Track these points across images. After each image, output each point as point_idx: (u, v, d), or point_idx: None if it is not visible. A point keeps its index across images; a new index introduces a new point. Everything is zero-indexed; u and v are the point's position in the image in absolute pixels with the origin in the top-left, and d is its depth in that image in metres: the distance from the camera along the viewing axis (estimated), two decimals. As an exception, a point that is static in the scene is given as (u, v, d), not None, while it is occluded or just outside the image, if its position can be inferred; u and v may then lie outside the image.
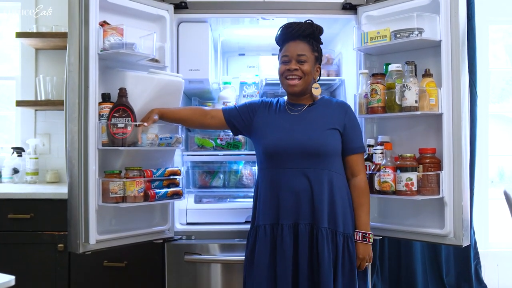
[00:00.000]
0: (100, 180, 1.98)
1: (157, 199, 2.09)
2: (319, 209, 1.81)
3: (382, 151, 2.18)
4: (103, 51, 2.00)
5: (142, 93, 2.06)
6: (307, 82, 1.90)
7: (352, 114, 1.94)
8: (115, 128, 1.96)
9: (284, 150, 1.84)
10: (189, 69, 2.49)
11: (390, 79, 2.18)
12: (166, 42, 2.32)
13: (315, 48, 1.91)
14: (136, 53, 2.06)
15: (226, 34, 2.89)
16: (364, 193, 1.90)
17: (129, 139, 1.98)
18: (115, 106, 1.98)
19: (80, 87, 1.97)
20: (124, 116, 1.98)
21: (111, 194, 1.96)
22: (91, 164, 1.97)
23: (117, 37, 2.02)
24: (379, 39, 2.21)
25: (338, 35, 2.83)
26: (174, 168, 2.21)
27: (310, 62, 1.89)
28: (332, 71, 2.82)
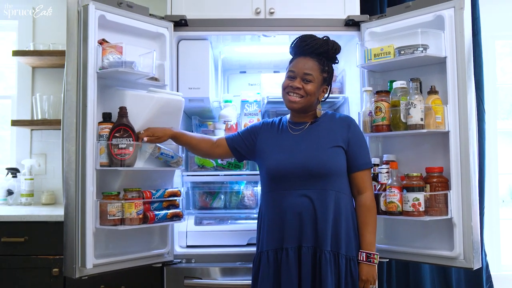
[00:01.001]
0: (98, 202, 1.97)
1: (157, 221, 2.09)
2: (322, 232, 1.80)
3: (387, 170, 2.19)
4: (102, 70, 2.02)
5: (142, 112, 2.06)
6: (308, 102, 1.91)
7: (356, 128, 1.92)
8: (116, 149, 1.97)
9: (286, 172, 1.84)
10: (189, 88, 2.50)
11: (395, 96, 2.19)
12: (165, 60, 2.34)
13: (325, 69, 1.89)
14: (136, 72, 2.08)
15: (226, 51, 2.90)
16: (370, 212, 1.87)
17: (131, 160, 1.99)
18: (116, 126, 1.99)
19: (78, 106, 1.99)
20: (125, 137, 1.98)
21: (109, 216, 1.96)
22: (89, 185, 1.97)
23: (116, 55, 2.04)
24: (383, 56, 2.23)
25: (341, 52, 2.71)
26: (174, 189, 2.21)
27: (316, 82, 1.88)
28: (336, 89, 2.82)
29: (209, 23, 2.48)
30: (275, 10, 2.56)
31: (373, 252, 1.84)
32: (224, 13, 2.54)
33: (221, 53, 2.92)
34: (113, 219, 1.96)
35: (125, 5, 2.18)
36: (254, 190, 2.72)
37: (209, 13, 2.54)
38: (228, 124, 2.74)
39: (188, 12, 2.50)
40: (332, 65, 1.95)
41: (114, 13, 2.13)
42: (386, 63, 2.24)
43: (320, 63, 1.89)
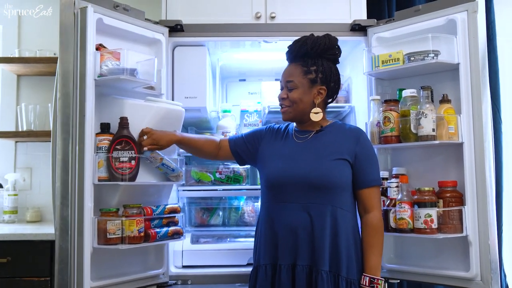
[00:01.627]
0: (96, 220, 1.96)
1: (158, 239, 2.08)
2: (319, 250, 1.78)
3: (397, 184, 2.18)
4: (100, 77, 2.02)
5: (140, 123, 2.05)
6: (298, 110, 1.89)
7: (365, 141, 1.90)
8: (117, 163, 1.96)
9: (285, 182, 1.83)
10: (185, 97, 2.50)
11: (404, 105, 2.19)
12: (162, 67, 2.35)
13: (309, 69, 1.86)
14: (138, 80, 2.08)
15: (225, 58, 2.91)
16: (376, 232, 1.83)
17: (133, 175, 1.99)
18: (117, 138, 1.99)
19: (73, 116, 1.98)
20: (127, 149, 1.98)
21: (109, 235, 1.94)
22: (87, 201, 1.95)
23: (114, 62, 2.05)
24: (391, 63, 2.23)
25: (347, 59, 2.84)
26: (174, 205, 2.21)
27: (301, 87, 1.86)
28: (341, 98, 2.82)
29: (207, 28, 2.49)
30: (276, 14, 2.57)
31: (377, 277, 1.78)
32: (222, 18, 2.54)
33: (219, 60, 2.92)
34: (113, 238, 1.94)
35: (122, 8, 2.19)
36: (254, 206, 2.71)
37: (206, 18, 2.54)
38: (226, 135, 2.71)
39: (184, 17, 2.51)
40: (326, 62, 1.89)
41: (111, 17, 2.13)
42: (395, 70, 2.24)
43: (303, 65, 1.87)
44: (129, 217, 1.99)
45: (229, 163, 2.68)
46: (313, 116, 1.89)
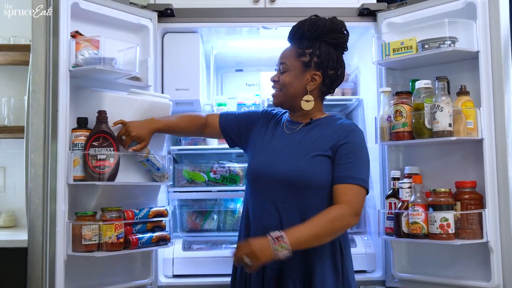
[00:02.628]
0: (71, 224, 1.95)
1: (140, 246, 2.07)
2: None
3: (410, 185, 2.17)
4: (75, 67, 2.00)
5: (122, 117, 2.04)
6: (288, 95, 1.87)
7: (355, 137, 1.81)
8: (94, 160, 1.95)
9: (261, 176, 1.83)
10: (176, 89, 2.49)
11: (418, 98, 2.18)
12: (149, 56, 2.34)
13: (304, 52, 1.83)
14: (117, 70, 2.06)
15: (220, 46, 2.90)
16: (326, 216, 1.70)
17: (111, 174, 1.98)
18: (94, 133, 1.97)
19: (46, 110, 1.97)
20: (105, 146, 1.97)
21: (84, 241, 1.93)
22: (60, 203, 1.94)
23: (92, 51, 2.03)
24: (403, 51, 2.22)
25: (354, 47, 2.82)
26: (159, 208, 2.19)
27: (292, 70, 1.84)
28: (348, 90, 2.82)
29: (200, 13, 2.47)
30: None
31: (286, 241, 1.62)
32: (217, 1, 2.53)
33: (214, 48, 2.91)
34: (89, 244, 1.93)
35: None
36: (252, 209, 2.71)
37: (199, 1, 2.53)
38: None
39: (175, 1, 2.49)
40: (325, 46, 1.84)
41: (88, 1, 2.12)
42: (408, 59, 2.23)
43: (297, 46, 1.85)
44: (107, 221, 1.98)
45: (225, 162, 2.68)
46: (304, 104, 1.86)
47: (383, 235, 2.26)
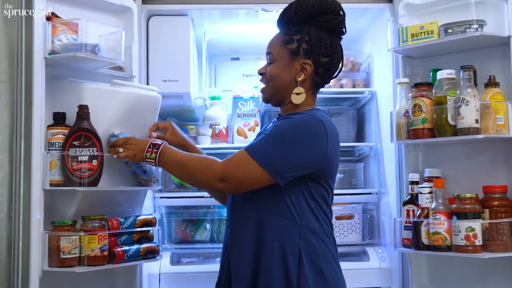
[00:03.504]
0: (47, 235, 1.90)
1: (126, 259, 2.03)
2: (237, 263, 1.72)
3: (430, 190, 2.16)
4: (52, 55, 1.96)
5: (104, 113, 2.02)
6: (275, 88, 1.81)
7: (284, 121, 1.71)
8: (74, 163, 1.92)
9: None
10: (163, 80, 2.48)
11: (440, 90, 2.16)
12: (133, 42, 2.31)
13: (291, 38, 1.78)
14: (100, 58, 2.03)
15: (213, 31, 2.89)
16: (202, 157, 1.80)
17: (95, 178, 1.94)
18: (75, 131, 1.94)
19: (17, 104, 1.93)
20: (87, 146, 1.94)
21: (63, 255, 1.89)
22: (35, 212, 1.90)
23: (70, 36, 1.99)
24: (423, 36, 2.21)
25: (367, 32, 2.83)
26: (147, 216, 2.16)
27: (280, 60, 1.79)
28: (359, 81, 2.81)
29: (190, -7, 2.49)
30: (278, -25, 2.54)
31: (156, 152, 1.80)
32: (210, -20, 2.53)
33: (206, 34, 2.89)
34: (68, 258, 1.90)
35: (79, -34, 2.15)
36: (251, 216, 2.70)
37: (190, -20, 2.54)
38: (216, 128, 2.72)
39: (162, -22, 2.51)
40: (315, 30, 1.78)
41: (63, -23, 2.09)
42: (428, 45, 2.22)
43: (283, 33, 1.80)
44: (89, 231, 1.94)
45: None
46: (294, 98, 1.78)
47: (400, 247, 2.25)
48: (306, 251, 1.66)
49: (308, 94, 1.79)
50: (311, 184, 1.68)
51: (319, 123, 1.67)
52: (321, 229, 1.68)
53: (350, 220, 2.67)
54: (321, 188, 1.70)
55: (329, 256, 1.69)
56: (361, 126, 2.94)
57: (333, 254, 1.72)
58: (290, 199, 1.68)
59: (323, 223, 1.70)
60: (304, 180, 1.67)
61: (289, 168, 1.62)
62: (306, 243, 1.66)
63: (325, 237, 1.69)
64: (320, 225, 1.69)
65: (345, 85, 2.80)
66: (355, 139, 2.87)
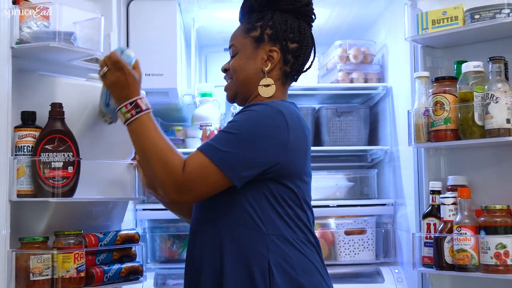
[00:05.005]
0: (14, 254, 1.88)
1: (106, 281, 2.02)
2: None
3: (454, 200, 2.15)
4: (20, 44, 1.94)
5: (81, 112, 2.01)
6: (239, 82, 1.81)
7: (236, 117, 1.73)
8: (47, 170, 1.90)
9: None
10: (145, 74, 2.37)
11: (465, 85, 2.16)
12: (112, 30, 2.31)
13: (253, 26, 1.80)
14: (77, 49, 2.01)
15: (204, 17, 2.89)
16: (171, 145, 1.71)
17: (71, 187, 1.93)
18: (47, 133, 1.92)
19: None
20: (62, 150, 1.92)
21: (33, 276, 1.87)
22: (0, 226, 1.88)
23: (40, 22, 1.98)
24: (446, 23, 2.22)
25: (381, 18, 2.84)
26: (129, 232, 2.16)
27: (243, 51, 1.81)
28: (372, 75, 2.81)
29: (177, -27, 2.51)
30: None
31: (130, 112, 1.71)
32: (200, -44, 2.56)
33: (196, 21, 2.89)
34: (39, 280, 1.88)
35: None
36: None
37: (176, -42, 2.55)
38: (207, 130, 2.71)
39: (144, -45, 2.52)
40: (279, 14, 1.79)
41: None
42: (452, 34, 2.22)
43: (247, 21, 1.82)
44: (64, 249, 1.92)
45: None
46: (262, 91, 1.78)
47: (420, 266, 2.25)
48: (277, 264, 1.62)
49: (277, 85, 1.78)
50: (274, 186, 1.66)
51: (278, 114, 1.65)
52: (294, 237, 1.65)
53: (362, 235, 2.66)
54: (286, 189, 1.67)
55: (309, 267, 1.66)
56: (374, 127, 2.94)
57: (315, 264, 1.68)
58: (251, 205, 1.65)
59: (297, 230, 1.67)
60: (265, 182, 1.65)
61: (246, 165, 1.60)
62: (277, 255, 1.63)
63: (301, 246, 1.66)
64: (293, 233, 1.65)
65: (355, 79, 2.80)
66: (367, 142, 2.87)
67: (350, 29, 3.02)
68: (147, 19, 2.51)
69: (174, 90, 2.53)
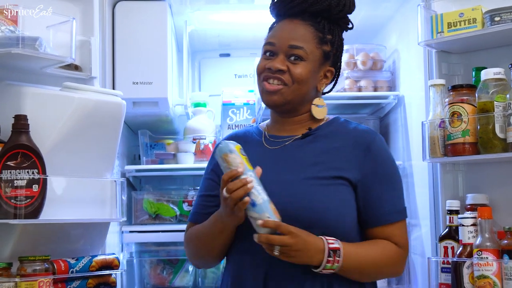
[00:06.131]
0: None
1: None
2: None
3: (474, 221, 2.14)
4: None
5: (53, 124, 2.03)
6: (297, 93, 1.82)
7: (380, 150, 1.83)
8: (9, 188, 1.90)
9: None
10: (133, 82, 2.49)
11: (485, 94, 2.16)
12: (93, 35, 2.32)
13: (325, 37, 1.83)
14: (43, 55, 2.01)
15: (197, 20, 2.90)
16: (380, 246, 1.75)
17: (36, 207, 1.93)
18: (10, 148, 1.93)
19: None
20: (25, 167, 1.93)
21: None
22: None
23: (6, 26, 1.98)
24: (463, 26, 2.22)
25: (392, 21, 2.85)
26: (107, 257, 2.16)
27: (311, 61, 1.81)
28: (382, 82, 2.81)
29: (168, -28, 2.52)
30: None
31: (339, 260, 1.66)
32: (193, -45, 2.56)
33: (189, 24, 2.90)
34: None
35: None
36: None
37: (166, -46, 2.56)
38: (200, 143, 2.72)
39: (132, -47, 2.53)
40: (339, 32, 1.88)
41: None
42: (470, 37, 2.22)
43: (317, 27, 1.82)
44: (28, 276, 1.92)
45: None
46: (316, 111, 1.85)
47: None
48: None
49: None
50: None
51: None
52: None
53: (372, 260, 2.67)
54: None
55: None
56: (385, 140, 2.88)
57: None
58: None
59: None
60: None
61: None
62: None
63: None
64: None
65: (364, 88, 2.80)
66: (378, 157, 2.88)
67: (357, 32, 2.96)
68: (135, 22, 2.52)
69: (164, 100, 2.54)
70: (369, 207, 1.75)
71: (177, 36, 2.91)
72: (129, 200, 2.58)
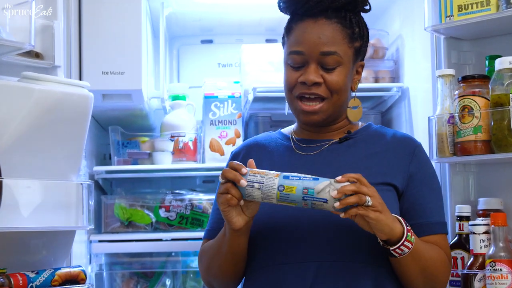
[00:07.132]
0: None
1: None
2: None
3: (487, 228, 2.14)
4: None
5: (11, 120, 2.01)
6: (337, 104, 1.85)
7: (424, 158, 1.89)
8: None
9: (284, 228, 1.78)
10: (103, 72, 2.50)
11: (500, 86, 2.15)
12: (56, 18, 2.30)
13: (354, 33, 1.85)
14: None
15: (176, 1, 2.89)
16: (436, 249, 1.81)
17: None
18: None
19: None
20: None
21: None
22: None
23: None
24: (475, 9, 2.22)
25: (395, 4, 2.86)
26: (72, 269, 2.16)
27: (346, 63, 1.84)
28: (384, 73, 2.82)
29: None
30: None
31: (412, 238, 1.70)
32: None
33: (166, 6, 2.89)
34: None
35: None
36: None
37: None
38: (179, 141, 2.73)
39: None
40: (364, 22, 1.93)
41: None
42: (482, 22, 2.22)
43: (344, 24, 1.84)
44: None
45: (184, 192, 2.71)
46: (351, 114, 1.92)
47: None
48: None
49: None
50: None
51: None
52: None
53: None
54: None
55: None
56: (387, 136, 2.94)
57: None
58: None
59: None
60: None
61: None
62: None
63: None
64: None
65: (364, 79, 2.78)
66: (380, 156, 2.88)
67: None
68: (104, 4, 2.52)
69: (138, 92, 2.54)
70: (416, 216, 1.81)
71: (152, 20, 2.91)
72: (98, 206, 2.59)
